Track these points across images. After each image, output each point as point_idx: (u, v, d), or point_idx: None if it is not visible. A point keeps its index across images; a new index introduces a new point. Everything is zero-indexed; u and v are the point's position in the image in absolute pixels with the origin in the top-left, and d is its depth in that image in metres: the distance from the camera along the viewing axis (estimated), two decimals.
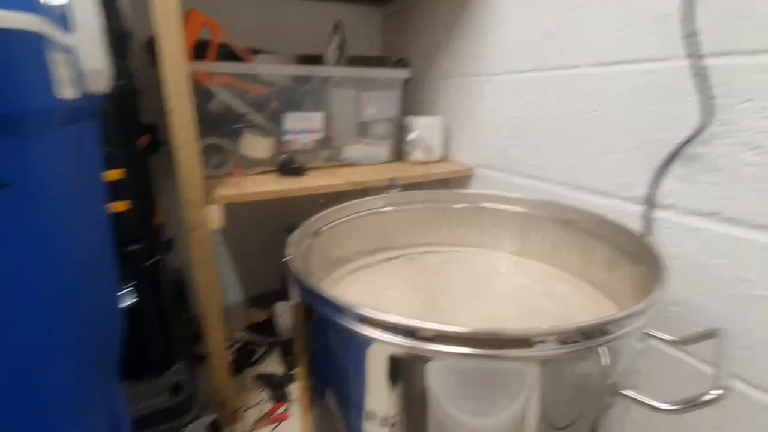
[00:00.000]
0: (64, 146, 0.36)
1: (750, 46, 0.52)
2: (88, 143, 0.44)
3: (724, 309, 0.58)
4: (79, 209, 0.40)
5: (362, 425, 0.43)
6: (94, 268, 0.44)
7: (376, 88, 1.06)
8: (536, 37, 0.82)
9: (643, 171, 0.66)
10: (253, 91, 0.94)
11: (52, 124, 0.32)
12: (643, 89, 0.65)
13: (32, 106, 0.29)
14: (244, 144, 0.94)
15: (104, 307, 0.47)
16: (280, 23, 1.21)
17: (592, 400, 0.38)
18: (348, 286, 0.65)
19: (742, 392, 0.57)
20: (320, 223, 0.66)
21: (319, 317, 0.43)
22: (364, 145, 1.09)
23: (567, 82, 0.77)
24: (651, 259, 0.50)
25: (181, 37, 0.67)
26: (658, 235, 0.65)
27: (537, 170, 0.86)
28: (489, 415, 0.38)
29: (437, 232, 0.80)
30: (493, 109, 0.96)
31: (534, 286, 0.64)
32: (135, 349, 0.77)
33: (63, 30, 0.35)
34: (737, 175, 0.55)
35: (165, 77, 0.68)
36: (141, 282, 0.75)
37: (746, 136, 0.53)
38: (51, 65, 0.31)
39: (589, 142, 0.74)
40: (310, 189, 0.86)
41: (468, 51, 1.02)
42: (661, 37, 0.61)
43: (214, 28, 0.88)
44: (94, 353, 0.40)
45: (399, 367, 0.38)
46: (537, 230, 0.72)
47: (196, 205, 0.75)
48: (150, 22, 0.66)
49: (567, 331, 0.34)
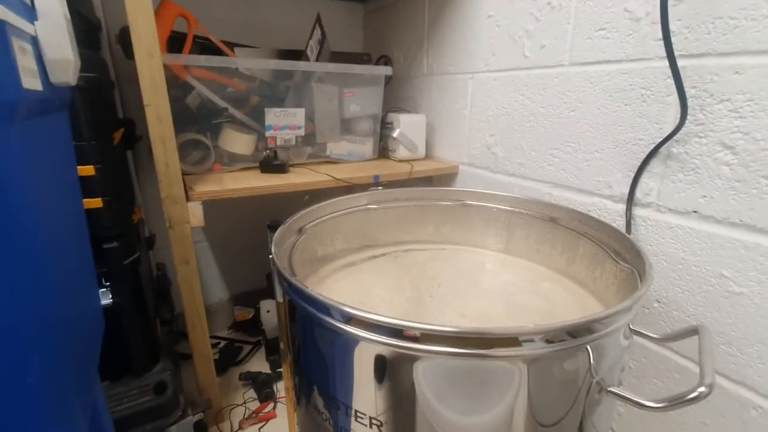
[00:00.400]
0: (32, 140, 0.34)
1: (723, 48, 0.53)
2: (57, 137, 0.42)
3: (704, 306, 0.59)
4: (51, 205, 0.38)
5: (350, 424, 0.42)
6: (69, 265, 0.42)
7: (359, 84, 1.05)
8: (517, 36, 0.83)
9: (623, 169, 0.67)
10: (232, 85, 0.91)
11: (17, 116, 0.30)
12: (621, 89, 0.66)
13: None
14: (225, 139, 0.92)
15: (81, 305, 0.45)
16: (261, 18, 1.18)
17: (579, 398, 0.38)
18: (333, 285, 0.64)
19: (727, 389, 0.58)
20: (304, 220, 0.65)
21: (304, 316, 0.42)
22: (347, 142, 1.08)
23: (547, 81, 0.78)
24: (634, 256, 0.51)
25: (153, 28, 0.65)
26: (639, 232, 0.66)
27: (520, 168, 0.87)
28: (477, 414, 0.37)
29: (423, 229, 0.80)
30: (476, 107, 0.97)
31: (520, 284, 0.65)
32: (116, 348, 0.75)
33: (26, 19, 0.33)
34: (713, 173, 0.56)
35: (139, 69, 0.65)
36: (120, 280, 0.73)
37: (721, 136, 0.55)
38: (14, 55, 0.29)
39: (569, 140, 0.75)
40: (293, 186, 0.84)
41: (450, 49, 1.02)
42: (638, 38, 0.62)
43: (189, 20, 0.85)
44: (71, 353, 0.38)
45: (386, 366, 0.38)
46: (521, 228, 0.73)
47: (175, 202, 0.72)
48: (122, 12, 0.63)
49: (554, 330, 0.35)
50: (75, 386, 0.39)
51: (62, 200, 0.43)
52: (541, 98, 0.80)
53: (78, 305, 0.44)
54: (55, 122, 0.41)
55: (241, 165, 0.95)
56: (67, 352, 0.37)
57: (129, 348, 0.77)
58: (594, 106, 0.70)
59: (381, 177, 0.94)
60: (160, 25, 0.68)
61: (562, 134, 0.77)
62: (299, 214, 0.63)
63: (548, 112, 0.79)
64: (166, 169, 0.71)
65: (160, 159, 0.70)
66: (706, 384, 0.32)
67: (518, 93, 0.85)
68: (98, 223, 0.68)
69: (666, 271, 0.63)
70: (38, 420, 0.33)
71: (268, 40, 1.19)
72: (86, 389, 0.44)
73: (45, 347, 0.34)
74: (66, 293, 0.40)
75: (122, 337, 0.76)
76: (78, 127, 0.63)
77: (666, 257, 0.63)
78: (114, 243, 0.71)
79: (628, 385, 0.71)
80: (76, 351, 0.41)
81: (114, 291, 0.73)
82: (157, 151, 0.70)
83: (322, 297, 0.38)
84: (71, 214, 0.45)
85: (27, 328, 0.32)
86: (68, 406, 0.37)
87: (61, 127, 0.43)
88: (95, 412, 0.47)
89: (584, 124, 0.72)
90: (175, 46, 0.84)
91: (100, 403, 0.49)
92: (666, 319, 0.64)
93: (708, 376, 0.33)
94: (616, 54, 0.66)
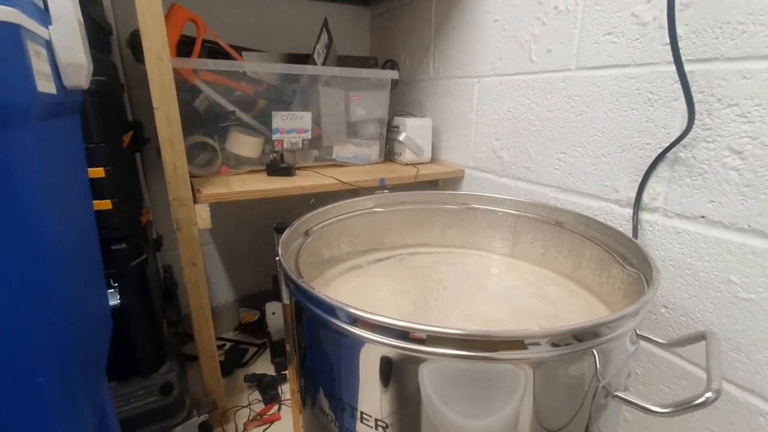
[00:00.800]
0: (45, 142, 0.35)
1: (731, 52, 0.53)
2: (69, 139, 0.43)
3: (712, 312, 0.59)
4: (62, 206, 0.38)
5: (355, 426, 0.42)
6: (79, 265, 0.42)
7: (365, 88, 1.06)
8: (523, 40, 0.83)
9: (629, 174, 0.67)
10: (240, 89, 0.92)
11: (31, 119, 0.30)
12: (628, 93, 0.66)
13: (11, 100, 0.28)
14: (232, 142, 0.93)
15: (90, 306, 0.45)
16: (269, 22, 1.19)
17: (585, 403, 0.38)
18: (339, 287, 0.64)
19: (735, 396, 0.58)
20: (310, 223, 0.65)
21: (311, 317, 0.43)
22: (353, 146, 1.09)
23: (554, 85, 0.78)
24: (641, 260, 0.50)
25: (163, 32, 0.66)
26: (646, 237, 0.66)
27: (526, 172, 0.87)
28: (482, 417, 0.37)
29: (429, 233, 0.80)
30: (482, 111, 0.97)
31: (525, 288, 0.64)
32: (123, 349, 0.76)
33: (40, 23, 0.34)
34: (721, 178, 0.56)
35: (149, 73, 0.66)
36: (128, 281, 0.74)
37: (729, 141, 0.55)
38: (30, 58, 0.29)
39: (576, 144, 0.75)
40: (299, 189, 0.85)
41: (456, 53, 1.02)
42: (645, 42, 0.62)
43: (198, 24, 0.86)
44: (80, 352, 0.39)
45: (391, 368, 0.38)
46: (527, 232, 0.72)
47: (183, 204, 0.73)
48: (133, 17, 0.64)
49: (559, 334, 0.34)
50: (83, 385, 0.39)
51: (73, 201, 0.43)
52: (547, 102, 0.80)
53: (87, 305, 0.44)
54: (67, 125, 0.42)
55: (248, 168, 0.96)
56: (76, 351, 0.38)
57: (136, 349, 0.78)
58: (601, 111, 0.70)
59: (387, 180, 0.94)
60: (169, 29, 0.69)
61: (569, 138, 0.76)
62: (305, 217, 0.63)
63: (555, 116, 0.79)
64: (174, 171, 0.72)
65: (169, 161, 0.71)
66: (713, 389, 0.32)
67: (524, 97, 0.85)
68: (107, 225, 0.69)
69: (673, 277, 0.63)
70: (47, 418, 0.33)
71: (276, 44, 1.20)
72: (94, 389, 0.45)
73: (55, 346, 0.34)
74: (76, 293, 0.40)
75: (129, 338, 0.77)
76: (88, 130, 0.63)
77: (673, 262, 0.62)
78: (122, 244, 0.72)
79: (635, 390, 0.71)
80: (85, 351, 0.41)
81: (122, 292, 0.74)
82: (165, 153, 0.71)
83: (329, 299, 0.39)
84: (82, 215, 0.46)
85: (37, 327, 0.32)
86: (77, 404, 0.38)
87: (73, 130, 0.44)
88: (103, 412, 0.48)
89: (591, 128, 0.72)
90: (184, 50, 0.85)
91: (107, 402, 0.50)
92: (673, 324, 0.64)
93: (715, 382, 0.33)
94: (623, 58, 0.66)
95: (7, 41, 0.27)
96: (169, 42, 0.68)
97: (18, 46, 0.28)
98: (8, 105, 0.27)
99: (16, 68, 0.28)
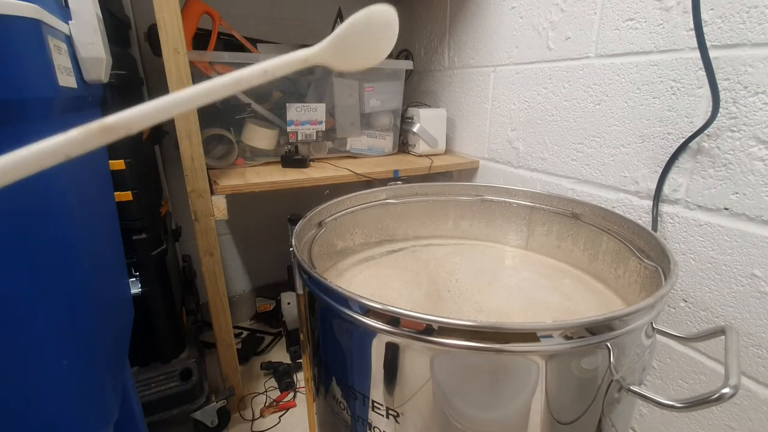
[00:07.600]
0: None
1: (759, 38, 0.51)
2: None
3: (733, 306, 0.57)
4: (86, 198, 0.40)
5: (367, 414, 0.43)
6: (103, 254, 0.44)
7: (379, 79, 1.05)
8: (540, 27, 0.81)
9: (650, 165, 0.65)
10: None
11: (53, 112, 0.31)
12: (650, 81, 0.64)
13: (33, 94, 0.28)
14: (247, 135, 0.94)
15: (113, 293, 0.47)
16: (283, 14, 1.19)
17: (597, 396, 0.38)
18: (352, 278, 0.65)
19: (755, 392, 0.56)
20: (324, 214, 0.66)
21: (324, 307, 0.43)
22: (367, 137, 1.09)
23: (572, 73, 0.76)
24: (659, 253, 0.49)
25: (180, 25, 0.67)
26: (666, 229, 0.64)
27: (543, 163, 0.85)
28: (493, 409, 0.37)
29: (442, 224, 0.80)
30: (498, 101, 0.95)
31: (540, 280, 0.64)
32: (144, 335, 0.78)
33: (61, 18, 0.35)
34: (746, 169, 0.54)
35: (166, 66, 0.67)
36: (148, 271, 0.76)
37: (756, 130, 0.53)
38: (51, 53, 0.30)
39: (594, 134, 0.73)
40: (313, 180, 0.85)
41: (471, 42, 1.01)
42: (668, 28, 0.60)
43: (214, 17, 0.87)
44: (104, 338, 0.40)
45: (403, 359, 0.38)
46: (543, 224, 0.71)
47: (200, 196, 0.75)
48: (151, 11, 0.65)
49: (573, 326, 0.34)
50: (108, 370, 0.41)
51: (97, 193, 0.44)
52: (565, 91, 0.78)
53: (110, 293, 0.46)
54: (89, 118, 0.43)
55: (263, 159, 0.97)
56: (100, 337, 0.39)
57: (156, 336, 0.81)
58: (620, 100, 0.68)
59: (401, 172, 0.94)
60: (186, 22, 0.70)
61: (587, 128, 0.75)
62: (319, 208, 0.64)
63: (572, 105, 0.77)
64: (192, 163, 0.73)
65: (186, 153, 0.72)
66: (731, 385, 0.31)
67: (541, 86, 0.83)
68: (128, 216, 0.71)
69: (694, 270, 0.61)
70: (73, 400, 0.35)
71: (290, 35, 1.20)
72: (117, 373, 0.46)
73: (80, 332, 0.36)
74: (100, 281, 0.42)
75: (150, 325, 0.79)
76: None
77: (694, 255, 0.61)
78: (143, 234, 0.74)
79: (652, 385, 0.70)
80: (109, 336, 0.43)
81: (143, 281, 0.76)
82: (183, 145, 0.72)
83: (341, 289, 0.39)
84: (105, 206, 0.47)
85: (63, 314, 0.33)
86: (101, 387, 0.39)
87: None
88: (126, 395, 0.49)
89: (610, 117, 0.70)
90: (200, 43, 0.86)
91: (130, 386, 0.52)
92: (693, 319, 0.62)
93: (733, 377, 0.32)
94: (644, 45, 0.64)
95: (29, 37, 0.28)
96: (186, 35, 0.69)
97: (39, 42, 0.29)
98: (31, 99, 0.28)
99: (37, 63, 0.29)
